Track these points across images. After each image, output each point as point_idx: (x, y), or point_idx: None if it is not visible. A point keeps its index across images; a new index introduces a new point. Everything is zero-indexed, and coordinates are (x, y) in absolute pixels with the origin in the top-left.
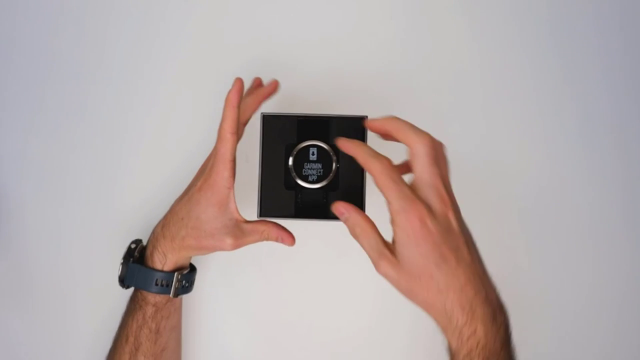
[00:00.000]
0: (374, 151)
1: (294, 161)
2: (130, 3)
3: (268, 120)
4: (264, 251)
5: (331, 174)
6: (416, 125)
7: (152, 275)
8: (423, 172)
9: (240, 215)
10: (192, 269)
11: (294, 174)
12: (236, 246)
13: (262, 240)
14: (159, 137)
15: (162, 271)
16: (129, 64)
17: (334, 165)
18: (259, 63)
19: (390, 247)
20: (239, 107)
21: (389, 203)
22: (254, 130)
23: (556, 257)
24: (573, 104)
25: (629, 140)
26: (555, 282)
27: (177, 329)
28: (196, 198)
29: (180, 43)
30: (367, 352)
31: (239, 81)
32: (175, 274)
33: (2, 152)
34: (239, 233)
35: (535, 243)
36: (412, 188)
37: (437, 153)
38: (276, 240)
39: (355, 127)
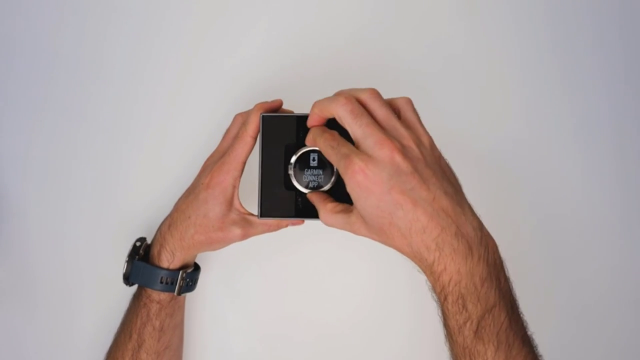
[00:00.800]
0: (321, 129)
1: (294, 167)
2: (131, 3)
3: (267, 121)
4: (264, 251)
5: (332, 180)
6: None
7: (157, 273)
8: (352, 130)
9: (245, 209)
10: (196, 267)
11: (295, 180)
12: (245, 236)
13: (272, 230)
14: (162, 135)
15: (167, 269)
16: (131, 64)
17: (334, 170)
18: (259, 63)
19: (352, 210)
20: (270, 108)
21: (338, 170)
22: None
23: (557, 257)
24: (573, 103)
25: (629, 140)
26: (557, 281)
27: (180, 327)
28: (203, 196)
29: (181, 43)
30: (367, 351)
31: (279, 100)
32: (180, 272)
33: (5, 152)
34: (247, 224)
35: (535, 243)
36: (355, 147)
37: (363, 103)
38: (287, 226)
39: None
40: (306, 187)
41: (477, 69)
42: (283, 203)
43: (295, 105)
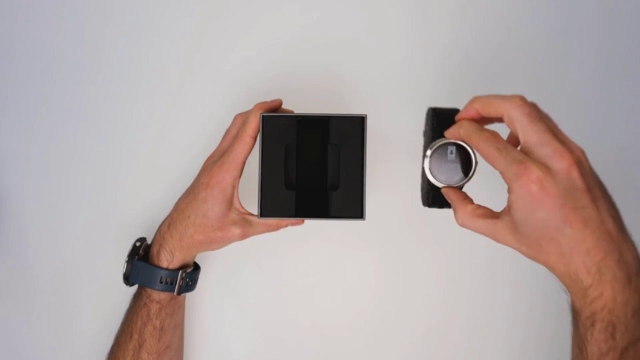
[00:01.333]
0: (478, 126)
1: (430, 159)
2: (131, 3)
3: (267, 121)
4: (264, 251)
5: (469, 176)
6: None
7: (156, 273)
8: (527, 134)
9: (244, 209)
10: (196, 267)
11: (430, 173)
12: (245, 235)
13: (272, 230)
14: (161, 135)
15: (167, 269)
16: (131, 65)
17: (473, 167)
18: (258, 63)
19: (500, 217)
20: (270, 108)
21: (501, 173)
22: None
23: None
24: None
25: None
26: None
27: (180, 327)
28: (202, 196)
29: (181, 43)
30: (368, 351)
31: (279, 100)
32: (180, 272)
33: (5, 152)
34: (246, 224)
35: None
36: (524, 151)
37: (535, 109)
38: (286, 226)
39: (354, 125)
40: (441, 182)
41: (477, 68)
42: (283, 203)
43: (296, 105)
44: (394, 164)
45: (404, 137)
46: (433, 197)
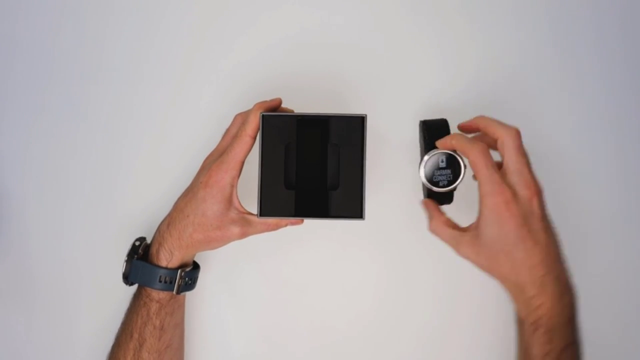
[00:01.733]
0: (469, 138)
1: (425, 166)
2: (131, 3)
3: (267, 120)
4: (264, 250)
5: (458, 182)
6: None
7: (156, 272)
8: (511, 161)
9: (244, 208)
10: (195, 266)
11: (426, 180)
12: (244, 234)
13: (271, 230)
14: (161, 135)
15: (166, 268)
16: (131, 64)
17: (462, 173)
18: (258, 63)
19: (466, 231)
20: (270, 108)
21: (480, 184)
22: None
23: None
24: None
25: (629, 141)
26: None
27: (180, 326)
28: (201, 195)
29: (181, 43)
30: (368, 351)
31: (279, 99)
32: (179, 271)
33: (5, 152)
34: (246, 224)
35: None
36: (501, 174)
37: (522, 144)
38: (286, 225)
39: (354, 125)
40: (436, 186)
41: (477, 68)
42: (283, 202)
43: (296, 105)
44: (394, 164)
45: (404, 137)
46: (432, 196)
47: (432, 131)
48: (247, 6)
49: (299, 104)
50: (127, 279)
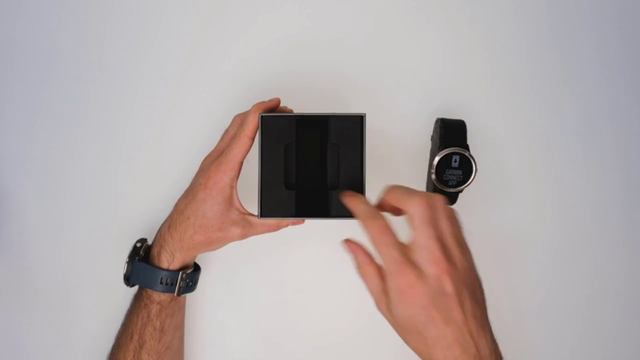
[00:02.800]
0: (372, 210)
1: (436, 167)
2: (130, 3)
3: (267, 121)
4: (265, 251)
5: (470, 180)
6: (411, 188)
7: (157, 274)
8: (416, 235)
9: (245, 209)
10: (196, 268)
11: (436, 178)
12: (244, 235)
13: (272, 230)
14: (161, 135)
15: (167, 270)
16: (131, 65)
17: (473, 171)
18: (258, 63)
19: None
20: (269, 107)
21: (383, 263)
22: None
23: (558, 258)
24: (572, 103)
25: (630, 140)
26: (555, 284)
27: (180, 328)
28: (201, 197)
29: (181, 44)
30: (367, 352)
31: (277, 99)
32: (180, 272)
33: (4, 152)
34: (247, 224)
35: (534, 242)
36: (407, 249)
37: (435, 213)
38: (287, 226)
39: (354, 124)
40: (445, 185)
41: (476, 67)
42: (283, 203)
43: (296, 104)
44: (394, 164)
45: (404, 137)
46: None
47: (450, 130)
48: (246, 6)
49: (299, 103)
50: (129, 280)
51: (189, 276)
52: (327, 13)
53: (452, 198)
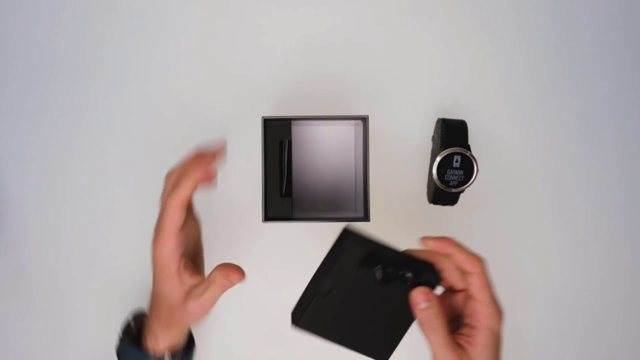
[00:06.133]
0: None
1: (438, 168)
2: (131, 4)
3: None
4: (264, 252)
5: (472, 179)
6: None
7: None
8: (483, 291)
9: (196, 278)
10: (189, 345)
11: (437, 178)
12: (203, 308)
13: (223, 289)
14: (161, 137)
15: (154, 356)
16: (130, 66)
17: (475, 170)
18: (258, 63)
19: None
20: (204, 180)
21: (481, 303)
22: (254, 130)
23: (558, 258)
24: (574, 102)
25: (631, 141)
26: (556, 284)
27: None
28: (155, 274)
29: (181, 44)
30: None
31: (220, 145)
32: (166, 357)
33: (4, 152)
34: (197, 294)
35: (535, 243)
36: (474, 304)
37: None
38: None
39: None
40: (446, 185)
41: (476, 67)
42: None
43: (296, 104)
44: (395, 164)
45: (405, 137)
46: (438, 196)
47: (451, 130)
48: (247, 7)
49: (300, 104)
50: (119, 358)
51: (180, 359)
52: (329, 15)
53: (454, 198)
